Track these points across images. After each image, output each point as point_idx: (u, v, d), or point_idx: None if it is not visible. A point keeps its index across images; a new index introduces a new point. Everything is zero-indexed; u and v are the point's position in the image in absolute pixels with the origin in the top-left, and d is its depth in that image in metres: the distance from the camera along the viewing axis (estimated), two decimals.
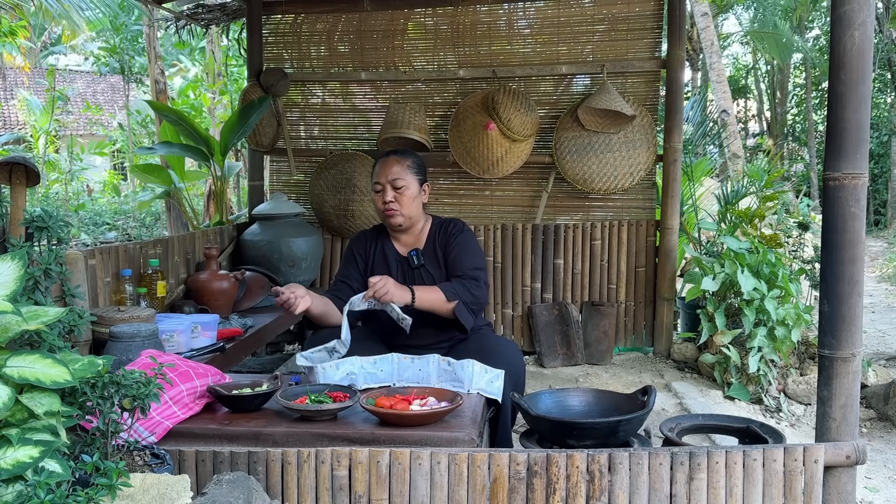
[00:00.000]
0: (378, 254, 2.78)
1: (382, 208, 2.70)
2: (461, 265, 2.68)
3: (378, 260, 2.78)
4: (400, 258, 2.77)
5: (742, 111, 20.23)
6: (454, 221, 2.81)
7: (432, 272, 2.73)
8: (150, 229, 10.20)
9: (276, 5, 4.63)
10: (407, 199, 2.68)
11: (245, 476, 1.80)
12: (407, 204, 2.68)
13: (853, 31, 1.89)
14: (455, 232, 2.75)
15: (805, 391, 3.63)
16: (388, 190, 2.67)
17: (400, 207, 2.67)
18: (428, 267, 2.73)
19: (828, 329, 1.99)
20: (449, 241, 2.74)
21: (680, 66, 4.27)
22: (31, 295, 2.06)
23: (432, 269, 2.73)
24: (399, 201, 2.67)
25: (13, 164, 2.20)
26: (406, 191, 2.67)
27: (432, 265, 2.74)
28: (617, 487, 1.87)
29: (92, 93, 19.64)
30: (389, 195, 2.66)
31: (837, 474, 1.97)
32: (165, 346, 2.57)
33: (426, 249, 2.76)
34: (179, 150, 4.82)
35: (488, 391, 2.27)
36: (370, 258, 2.79)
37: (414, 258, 2.73)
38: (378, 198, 2.71)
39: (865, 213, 1.99)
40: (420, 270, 2.73)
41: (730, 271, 3.74)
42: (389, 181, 2.67)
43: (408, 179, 2.68)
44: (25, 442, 1.46)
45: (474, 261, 2.70)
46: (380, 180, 2.69)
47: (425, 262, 2.73)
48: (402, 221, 2.70)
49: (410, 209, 2.70)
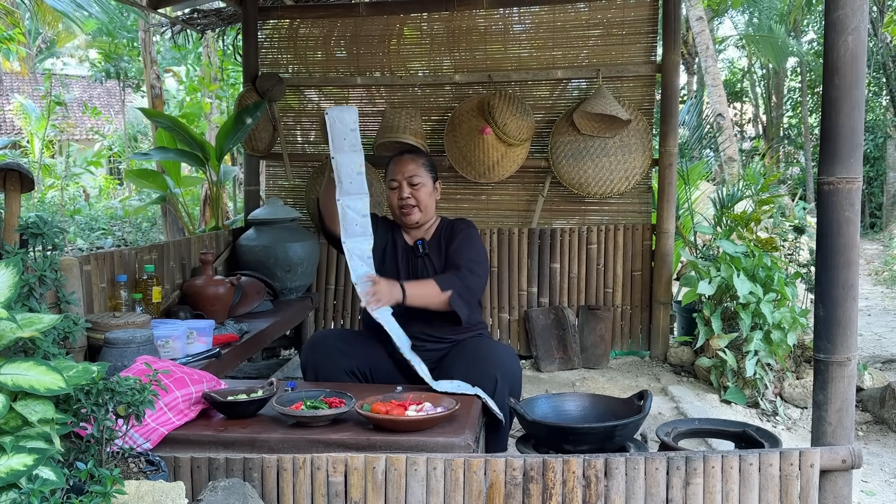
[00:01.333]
0: (390, 240, 2.84)
1: (399, 205, 2.75)
2: (459, 256, 2.72)
3: (389, 245, 2.83)
4: (407, 247, 2.83)
5: (738, 115, 20.27)
6: (463, 220, 2.88)
7: (435, 262, 2.78)
8: (145, 234, 10.18)
9: (271, 10, 4.63)
10: (423, 195, 2.74)
11: (240, 483, 1.80)
12: (423, 200, 2.74)
13: (847, 35, 1.90)
14: (461, 228, 2.82)
15: (801, 395, 3.63)
16: (404, 187, 2.72)
17: (417, 203, 2.73)
18: (431, 257, 2.79)
19: (823, 333, 2.00)
20: (454, 236, 2.79)
21: (675, 70, 4.27)
22: (25, 301, 2.05)
23: (435, 259, 2.79)
24: (415, 197, 2.73)
25: (7, 171, 2.20)
26: (422, 188, 2.74)
27: (436, 256, 2.79)
28: (613, 492, 1.86)
29: (88, 98, 19.61)
30: (406, 192, 2.72)
31: (833, 478, 1.97)
32: (161, 352, 2.57)
33: (431, 241, 2.82)
34: (175, 155, 4.82)
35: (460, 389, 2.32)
36: (385, 238, 2.83)
37: (420, 246, 2.79)
38: (394, 195, 2.75)
39: (860, 217, 1.99)
40: (424, 259, 2.78)
41: (726, 275, 3.74)
42: (406, 178, 2.72)
43: (423, 177, 2.75)
44: (19, 450, 1.46)
45: (472, 254, 2.73)
46: (396, 177, 2.74)
47: (430, 252, 2.79)
48: (418, 218, 2.76)
49: (426, 206, 2.76)
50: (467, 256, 2.71)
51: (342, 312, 4.63)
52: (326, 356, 2.60)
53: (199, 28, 5.16)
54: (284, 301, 4.08)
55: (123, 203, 11.38)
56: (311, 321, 4.58)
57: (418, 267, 2.78)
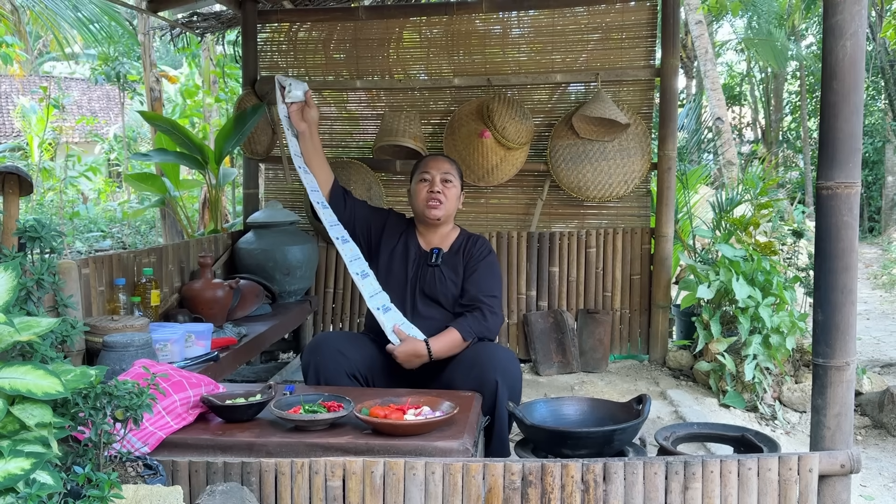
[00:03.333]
0: (402, 242, 2.85)
1: (427, 198, 2.77)
2: (480, 287, 2.74)
3: (399, 248, 2.83)
4: (420, 252, 2.83)
5: (737, 118, 20.30)
6: (483, 240, 2.89)
7: (447, 275, 2.76)
8: (144, 237, 10.17)
9: (271, 14, 4.64)
10: (452, 195, 2.79)
11: (238, 487, 1.79)
12: (451, 199, 2.79)
13: (845, 40, 1.90)
14: (483, 251, 2.83)
15: (800, 399, 3.63)
16: (436, 181, 2.77)
17: (445, 200, 2.76)
18: (444, 269, 2.78)
19: (822, 338, 2.00)
20: (474, 257, 2.80)
21: (674, 74, 4.28)
22: (23, 305, 2.05)
23: (448, 273, 2.77)
24: (445, 194, 2.77)
25: (6, 174, 2.20)
26: (452, 187, 2.80)
27: (450, 270, 2.78)
28: (612, 497, 1.86)
29: (87, 100, 19.64)
30: (437, 185, 2.76)
31: (832, 483, 1.97)
32: (159, 356, 2.57)
33: (448, 255, 2.81)
34: (174, 157, 4.81)
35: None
36: (394, 240, 2.85)
37: (434, 255, 2.79)
38: (423, 187, 2.78)
39: (859, 222, 1.99)
40: (435, 269, 2.77)
41: (725, 279, 3.74)
42: (441, 174, 2.78)
43: (455, 178, 2.81)
44: (17, 454, 1.46)
45: (493, 287, 2.77)
46: (430, 171, 2.79)
47: (443, 265, 2.78)
48: (442, 215, 2.78)
49: (452, 205, 2.80)
50: (487, 291, 2.73)
51: (341, 315, 4.63)
52: (328, 358, 2.60)
53: (198, 31, 5.16)
54: (283, 304, 4.08)
55: (122, 206, 11.38)
56: (310, 324, 4.58)
57: (427, 277, 2.76)
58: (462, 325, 2.64)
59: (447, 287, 2.73)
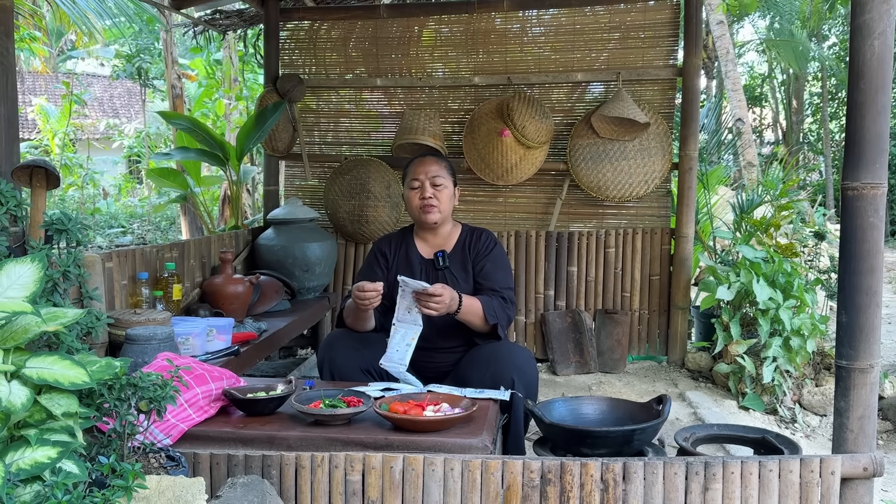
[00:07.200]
0: (402, 256, 2.81)
1: (419, 204, 2.73)
2: (495, 281, 2.71)
3: (401, 262, 2.80)
4: (424, 260, 2.79)
5: (757, 120, 20.12)
6: (486, 232, 2.85)
7: (457, 275, 2.74)
8: (164, 233, 10.25)
9: (293, 12, 4.66)
10: (444, 197, 2.74)
11: (259, 480, 1.81)
12: (444, 202, 2.74)
13: (873, 40, 1.88)
14: (489, 244, 2.79)
15: (820, 402, 3.59)
16: (427, 186, 2.72)
17: (438, 203, 2.72)
18: (453, 270, 2.75)
19: (845, 339, 1.98)
20: (481, 251, 2.77)
21: (696, 74, 4.25)
22: (49, 297, 2.08)
23: (457, 272, 2.75)
24: (437, 197, 2.72)
25: (34, 168, 2.23)
26: (444, 189, 2.74)
27: (458, 269, 2.76)
28: (631, 497, 1.86)
29: (109, 97, 19.82)
30: (429, 191, 2.71)
31: (854, 486, 1.95)
32: (181, 349, 2.59)
33: (454, 253, 2.78)
34: (195, 154, 4.85)
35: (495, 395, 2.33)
36: (394, 260, 2.82)
37: (440, 259, 2.76)
38: (415, 194, 2.74)
39: (884, 224, 1.97)
40: (445, 272, 2.75)
41: (745, 280, 3.71)
42: (429, 178, 2.72)
43: (445, 179, 2.75)
44: (43, 443, 1.48)
45: (507, 279, 2.75)
46: (419, 177, 2.73)
47: (451, 265, 2.76)
48: (438, 218, 2.74)
49: (446, 207, 2.76)
50: (502, 283, 2.71)
51: None
52: (342, 354, 2.61)
53: (220, 29, 5.20)
54: (302, 300, 4.10)
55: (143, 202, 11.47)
56: (328, 321, 4.59)
57: (438, 280, 2.69)
58: (486, 303, 2.61)
59: (459, 288, 2.69)
